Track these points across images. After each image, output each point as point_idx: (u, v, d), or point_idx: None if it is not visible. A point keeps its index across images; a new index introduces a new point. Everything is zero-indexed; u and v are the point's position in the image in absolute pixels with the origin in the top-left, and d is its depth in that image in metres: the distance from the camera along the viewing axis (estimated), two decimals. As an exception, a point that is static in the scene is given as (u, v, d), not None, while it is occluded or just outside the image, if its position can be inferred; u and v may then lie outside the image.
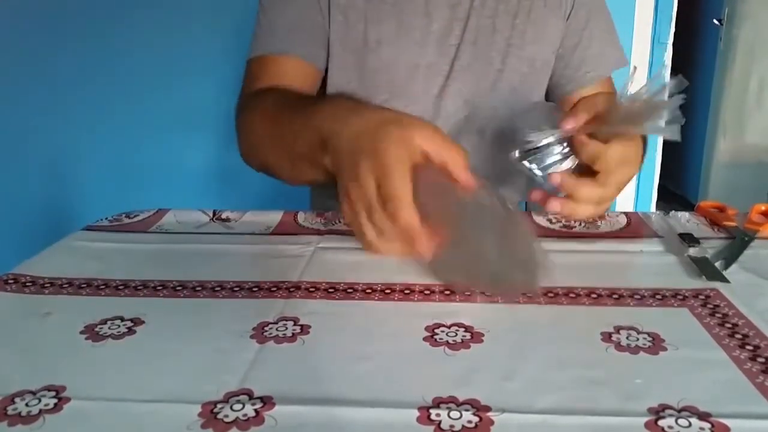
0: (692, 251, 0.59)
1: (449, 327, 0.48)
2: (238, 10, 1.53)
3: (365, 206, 0.48)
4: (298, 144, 0.60)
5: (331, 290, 0.54)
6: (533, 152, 0.61)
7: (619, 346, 0.45)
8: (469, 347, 0.45)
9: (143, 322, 0.50)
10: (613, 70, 0.85)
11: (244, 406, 0.38)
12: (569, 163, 0.61)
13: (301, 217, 0.73)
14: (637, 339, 0.45)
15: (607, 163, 0.57)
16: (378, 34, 0.78)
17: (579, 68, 0.83)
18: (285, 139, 0.63)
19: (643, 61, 1.87)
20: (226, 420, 0.37)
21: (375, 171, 0.47)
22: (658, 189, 2.06)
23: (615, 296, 0.52)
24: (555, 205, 0.58)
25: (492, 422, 0.36)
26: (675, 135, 0.54)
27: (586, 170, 0.59)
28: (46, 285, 0.56)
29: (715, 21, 2.64)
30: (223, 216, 0.74)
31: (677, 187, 3.03)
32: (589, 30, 0.83)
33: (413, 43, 0.78)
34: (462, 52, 0.79)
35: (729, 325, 0.47)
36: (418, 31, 0.78)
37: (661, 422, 0.36)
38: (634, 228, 0.68)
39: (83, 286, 0.56)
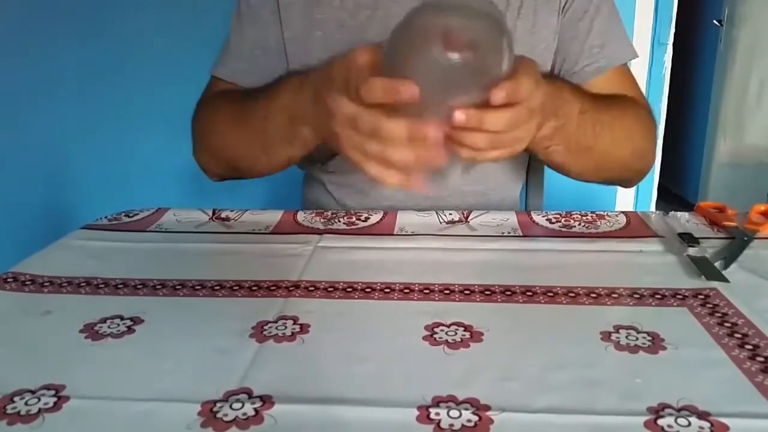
0: (692, 251, 0.59)
1: (449, 326, 0.48)
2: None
3: (350, 125, 0.51)
4: (269, 129, 0.67)
5: (330, 289, 0.54)
6: None
7: (618, 346, 0.45)
8: (468, 346, 0.45)
9: (143, 321, 0.50)
10: (620, 63, 0.80)
11: (243, 405, 0.38)
12: None
13: (300, 216, 0.73)
14: (637, 338, 0.45)
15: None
16: (362, 42, 0.77)
17: (577, 62, 0.80)
18: (252, 130, 0.70)
19: (643, 62, 1.87)
20: (225, 419, 0.37)
21: (342, 92, 0.53)
22: (658, 189, 2.06)
23: (614, 296, 0.52)
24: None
25: (491, 421, 0.36)
26: None
27: None
28: (45, 284, 0.56)
29: (715, 22, 2.64)
30: (223, 215, 0.74)
31: (677, 187, 3.03)
32: (587, 21, 0.79)
33: None
34: None
35: (728, 325, 0.47)
36: None
37: (660, 421, 0.36)
38: (633, 228, 0.68)
39: (83, 284, 0.56)
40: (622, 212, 0.72)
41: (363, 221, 0.71)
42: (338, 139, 0.53)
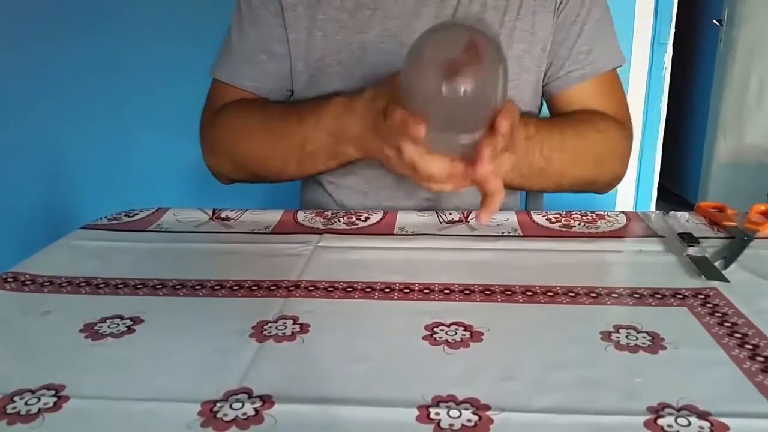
0: (692, 251, 0.59)
1: (449, 326, 0.48)
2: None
3: (395, 148, 0.58)
4: (309, 147, 0.71)
5: (330, 289, 0.54)
6: None
7: (618, 345, 0.45)
8: (468, 346, 0.45)
9: (143, 320, 0.50)
10: (606, 70, 0.80)
11: (243, 405, 0.38)
12: None
13: (300, 216, 0.73)
14: (637, 338, 0.45)
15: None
16: (361, 42, 0.77)
17: (563, 66, 0.79)
18: (290, 144, 0.73)
19: (643, 62, 1.87)
20: (225, 419, 0.37)
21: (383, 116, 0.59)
22: (658, 189, 2.06)
23: (614, 295, 0.52)
24: (483, 218, 0.58)
25: (491, 421, 0.36)
26: None
27: None
28: (45, 284, 0.56)
29: (715, 21, 2.64)
30: (223, 215, 0.74)
31: (677, 186, 3.03)
32: (578, 25, 0.78)
33: (399, 45, 0.77)
34: None
35: (728, 325, 0.47)
36: (404, 32, 0.76)
37: (660, 421, 0.36)
38: (633, 227, 0.68)
39: (82, 284, 0.56)
40: (622, 212, 0.72)
41: (363, 221, 0.71)
42: (387, 158, 0.61)
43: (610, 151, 0.79)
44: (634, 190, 1.98)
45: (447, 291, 0.53)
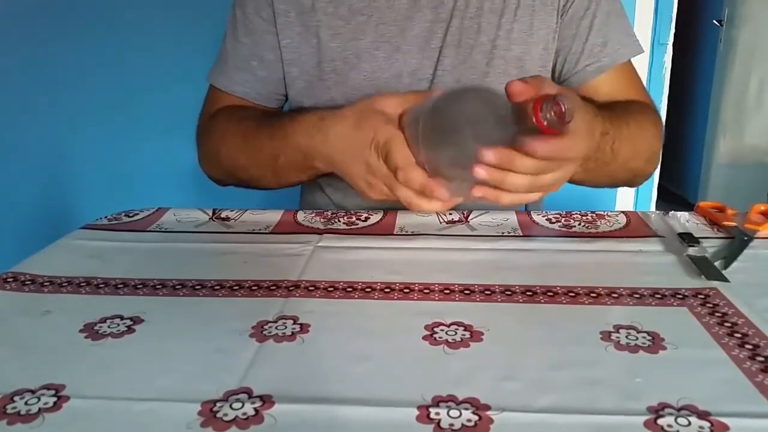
0: (692, 251, 0.59)
1: (449, 326, 0.48)
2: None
3: (387, 185, 0.59)
4: (281, 159, 0.71)
5: (330, 289, 0.54)
6: None
7: (618, 345, 0.45)
8: (468, 346, 0.45)
9: (143, 320, 0.50)
10: (622, 61, 0.79)
11: (243, 405, 0.38)
12: None
13: (300, 216, 0.73)
14: (637, 338, 0.45)
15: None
16: (356, 49, 0.77)
17: (578, 62, 0.78)
18: (264, 157, 0.73)
19: (643, 62, 1.87)
20: (225, 419, 0.37)
21: (379, 154, 0.58)
22: (658, 189, 2.06)
23: (614, 295, 0.52)
24: (477, 191, 0.53)
25: (491, 421, 0.36)
26: None
27: None
28: (45, 284, 0.56)
29: (715, 22, 2.64)
30: (223, 215, 0.74)
31: (677, 187, 3.03)
32: (589, 19, 0.78)
33: (393, 51, 0.77)
34: (444, 56, 0.77)
35: (728, 324, 0.47)
36: (398, 38, 0.76)
37: (660, 421, 0.36)
38: (633, 227, 0.68)
39: (83, 284, 0.56)
40: (622, 212, 0.72)
41: (363, 221, 0.71)
42: (366, 185, 0.61)
43: (658, 136, 0.78)
44: (634, 190, 1.98)
45: (447, 291, 0.53)
